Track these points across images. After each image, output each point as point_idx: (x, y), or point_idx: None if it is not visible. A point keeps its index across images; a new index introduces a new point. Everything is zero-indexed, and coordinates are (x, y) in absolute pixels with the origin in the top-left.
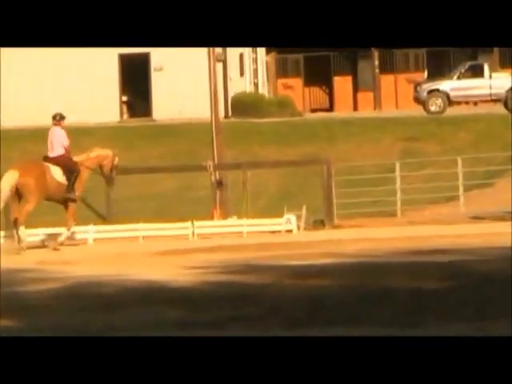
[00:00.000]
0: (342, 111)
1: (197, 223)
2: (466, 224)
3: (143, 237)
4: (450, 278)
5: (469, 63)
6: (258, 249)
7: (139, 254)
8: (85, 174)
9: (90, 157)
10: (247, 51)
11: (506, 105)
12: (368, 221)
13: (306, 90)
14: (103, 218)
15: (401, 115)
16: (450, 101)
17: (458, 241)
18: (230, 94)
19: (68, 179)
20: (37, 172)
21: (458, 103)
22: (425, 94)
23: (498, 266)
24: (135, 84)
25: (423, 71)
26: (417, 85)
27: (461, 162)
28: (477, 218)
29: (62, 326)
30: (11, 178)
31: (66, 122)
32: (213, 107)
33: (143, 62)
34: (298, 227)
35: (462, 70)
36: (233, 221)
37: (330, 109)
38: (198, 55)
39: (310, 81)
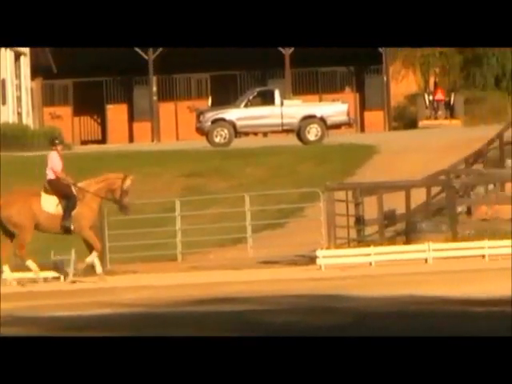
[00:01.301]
0: (116, 143)
1: None
2: (255, 269)
3: None
4: (238, 330)
5: (257, 89)
6: (19, 298)
7: None
8: (93, 202)
9: (96, 181)
10: (9, 77)
11: (299, 136)
12: (145, 266)
13: (76, 119)
14: None
15: (182, 147)
16: (236, 131)
17: (246, 288)
18: None
19: (64, 207)
20: (19, 203)
21: (246, 134)
22: (208, 123)
23: (295, 318)
24: None
25: (207, 98)
26: (200, 113)
27: (248, 200)
28: (267, 263)
29: None
30: None
31: None
32: None
33: None
34: (66, 274)
35: (250, 97)
36: None
37: (103, 141)
38: None
39: (80, 109)
